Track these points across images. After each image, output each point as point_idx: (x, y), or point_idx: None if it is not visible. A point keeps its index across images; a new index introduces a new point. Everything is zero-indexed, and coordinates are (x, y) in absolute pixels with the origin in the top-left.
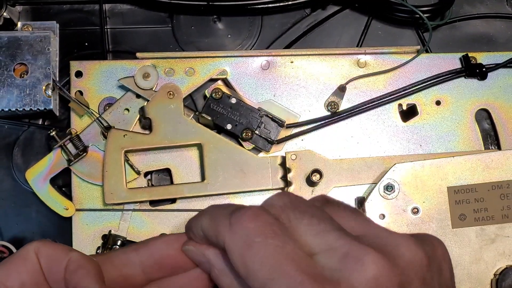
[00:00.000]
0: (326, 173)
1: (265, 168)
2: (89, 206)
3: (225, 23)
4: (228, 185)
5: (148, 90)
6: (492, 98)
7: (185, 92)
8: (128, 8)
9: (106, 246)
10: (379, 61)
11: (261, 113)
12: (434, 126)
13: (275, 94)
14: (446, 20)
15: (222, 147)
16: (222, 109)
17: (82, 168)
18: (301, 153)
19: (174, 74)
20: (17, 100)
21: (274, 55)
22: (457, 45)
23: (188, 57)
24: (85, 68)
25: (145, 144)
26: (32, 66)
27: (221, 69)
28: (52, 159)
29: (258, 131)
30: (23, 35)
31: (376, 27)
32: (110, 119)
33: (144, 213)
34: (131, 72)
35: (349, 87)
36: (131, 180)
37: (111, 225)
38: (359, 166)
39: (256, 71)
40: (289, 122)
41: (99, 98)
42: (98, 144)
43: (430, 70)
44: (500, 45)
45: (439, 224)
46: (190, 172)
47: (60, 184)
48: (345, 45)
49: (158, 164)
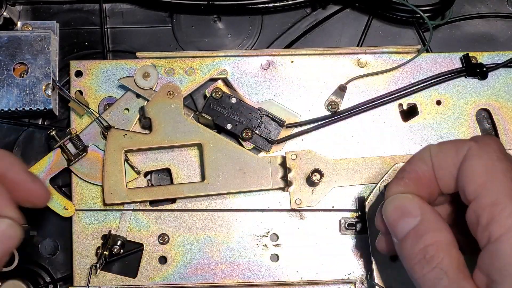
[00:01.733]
0: (326, 173)
1: (265, 168)
2: (89, 206)
3: (225, 23)
4: (228, 185)
5: (148, 90)
6: (492, 98)
7: (185, 91)
8: (128, 7)
9: (106, 246)
10: (380, 60)
11: (261, 112)
12: (434, 126)
13: (275, 94)
14: (446, 20)
15: (222, 147)
16: (222, 108)
17: (82, 168)
18: (301, 153)
19: (174, 74)
20: (17, 100)
21: (274, 54)
22: (458, 44)
23: (188, 56)
24: (85, 67)
25: (145, 144)
26: (32, 66)
27: (221, 69)
28: (52, 159)
29: (258, 131)
30: (23, 34)
31: (376, 27)
32: (110, 119)
33: (144, 213)
34: (131, 71)
35: (350, 87)
36: (131, 180)
37: (111, 225)
38: (359, 166)
39: (256, 71)
40: (289, 122)
41: (99, 98)
42: (98, 144)
43: (431, 70)
44: (500, 45)
45: None
46: (190, 172)
47: (60, 184)
48: (346, 45)
49: (158, 164)
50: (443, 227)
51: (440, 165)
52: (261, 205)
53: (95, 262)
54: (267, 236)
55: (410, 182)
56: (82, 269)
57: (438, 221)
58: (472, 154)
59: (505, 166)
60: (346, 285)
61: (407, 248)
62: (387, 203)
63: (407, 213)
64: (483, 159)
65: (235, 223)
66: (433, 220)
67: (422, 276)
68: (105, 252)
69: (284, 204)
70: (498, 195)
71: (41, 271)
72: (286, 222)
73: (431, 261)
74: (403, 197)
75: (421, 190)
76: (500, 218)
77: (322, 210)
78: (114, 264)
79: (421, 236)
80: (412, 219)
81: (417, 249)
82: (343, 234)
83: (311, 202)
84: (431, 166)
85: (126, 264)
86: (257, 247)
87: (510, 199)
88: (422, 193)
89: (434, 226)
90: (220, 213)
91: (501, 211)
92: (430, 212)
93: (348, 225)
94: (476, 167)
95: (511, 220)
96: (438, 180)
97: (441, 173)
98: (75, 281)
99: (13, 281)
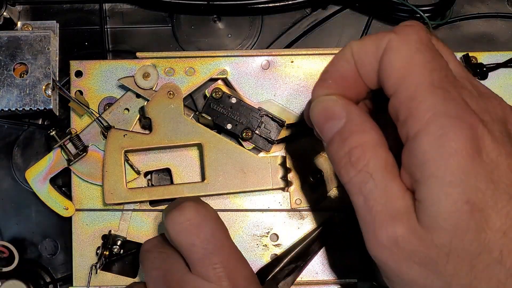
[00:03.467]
0: (326, 173)
1: (265, 168)
2: (89, 206)
3: (225, 23)
4: (228, 185)
5: (148, 90)
6: None
7: (185, 91)
8: (128, 7)
9: (106, 246)
10: None
11: (261, 112)
12: None
13: (276, 94)
14: (446, 20)
15: (222, 147)
16: (222, 108)
17: (82, 168)
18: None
19: (174, 74)
20: (17, 100)
21: (275, 54)
22: (458, 44)
23: (188, 56)
24: (85, 67)
25: (145, 144)
26: (32, 66)
27: (221, 69)
28: (52, 159)
29: (258, 131)
30: (23, 34)
31: (376, 27)
32: (110, 119)
33: (144, 213)
34: (131, 71)
35: None
36: (131, 180)
37: (111, 225)
38: None
39: (257, 71)
40: (289, 122)
41: (99, 97)
42: (98, 144)
43: None
44: (500, 45)
45: None
46: (190, 172)
47: (60, 184)
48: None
49: (158, 164)
50: (369, 127)
51: (362, 62)
52: (261, 205)
53: (95, 262)
54: (267, 236)
55: (334, 83)
56: (82, 269)
57: (364, 121)
58: (391, 47)
59: (425, 57)
60: (346, 285)
61: (333, 151)
62: (313, 107)
63: (332, 115)
64: (402, 51)
65: (235, 223)
66: (359, 121)
67: (349, 180)
68: (105, 252)
69: (284, 204)
70: (416, 88)
71: (41, 271)
72: (286, 222)
73: (357, 164)
74: (327, 99)
75: (347, 90)
76: (417, 113)
77: (322, 210)
78: (114, 264)
79: (346, 138)
80: (337, 121)
81: (342, 152)
82: (343, 234)
83: (311, 202)
84: (353, 63)
85: (126, 264)
86: (257, 247)
87: (429, 92)
88: (348, 94)
89: (360, 128)
90: (220, 213)
91: (418, 105)
92: (355, 113)
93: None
94: (394, 60)
95: (429, 114)
96: (363, 78)
97: (363, 70)
98: (75, 281)
99: (13, 281)
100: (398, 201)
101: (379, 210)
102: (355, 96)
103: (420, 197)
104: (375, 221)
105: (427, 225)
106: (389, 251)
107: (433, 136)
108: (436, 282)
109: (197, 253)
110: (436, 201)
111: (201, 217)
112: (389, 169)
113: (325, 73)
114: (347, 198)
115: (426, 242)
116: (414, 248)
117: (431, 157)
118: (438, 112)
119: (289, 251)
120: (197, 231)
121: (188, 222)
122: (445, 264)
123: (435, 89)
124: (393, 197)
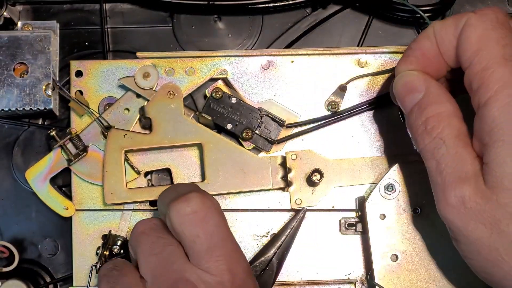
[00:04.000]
0: (326, 173)
1: (265, 168)
2: (89, 206)
3: (225, 23)
4: (228, 185)
5: (148, 90)
6: None
7: (185, 91)
8: (129, 7)
9: (106, 246)
10: (380, 60)
11: (261, 112)
12: None
13: (276, 94)
14: None
15: (222, 147)
16: (223, 108)
17: (82, 168)
18: (302, 153)
19: (174, 74)
20: (17, 100)
21: (275, 54)
22: None
23: (188, 56)
24: (85, 67)
25: (145, 144)
26: (32, 66)
27: (222, 69)
28: (52, 159)
29: (259, 130)
30: (23, 34)
31: (377, 27)
32: (110, 118)
33: (144, 213)
34: (131, 71)
35: (350, 87)
36: (131, 180)
37: (111, 225)
38: (359, 166)
39: (257, 71)
40: (290, 121)
41: (99, 97)
42: (98, 144)
43: None
44: None
45: (440, 224)
46: (190, 172)
47: (60, 184)
48: (346, 45)
49: (158, 164)
50: (445, 99)
51: (442, 40)
52: (261, 205)
53: (95, 262)
54: (267, 236)
55: (416, 60)
56: (82, 269)
57: (441, 94)
58: (469, 23)
59: (499, 34)
60: (346, 285)
61: (411, 121)
62: (396, 81)
63: (412, 88)
64: (478, 28)
65: (235, 223)
66: (436, 94)
67: (424, 147)
68: (105, 252)
69: (284, 204)
70: (489, 61)
71: (41, 271)
72: (286, 222)
73: (432, 132)
74: (409, 74)
75: (428, 66)
76: (488, 82)
77: (322, 210)
78: None
79: (424, 109)
80: (417, 94)
81: (419, 121)
82: (343, 234)
83: (311, 202)
84: (435, 42)
85: None
86: (257, 247)
87: (500, 64)
88: (429, 70)
89: (437, 99)
90: None
91: (490, 75)
92: (434, 86)
93: (348, 225)
94: (471, 36)
95: (499, 83)
96: (443, 55)
97: (444, 48)
98: (75, 281)
99: (13, 281)
100: (467, 166)
101: (449, 173)
102: (435, 73)
103: (488, 159)
104: (445, 182)
105: (493, 186)
106: (457, 210)
107: (502, 103)
108: (500, 241)
109: (201, 245)
110: (502, 163)
111: (206, 209)
112: (461, 138)
113: (408, 50)
114: (347, 197)
115: (491, 202)
116: (480, 208)
117: (499, 123)
118: (507, 82)
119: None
120: (202, 223)
121: (195, 214)
122: (508, 223)
123: (506, 62)
124: (462, 162)
